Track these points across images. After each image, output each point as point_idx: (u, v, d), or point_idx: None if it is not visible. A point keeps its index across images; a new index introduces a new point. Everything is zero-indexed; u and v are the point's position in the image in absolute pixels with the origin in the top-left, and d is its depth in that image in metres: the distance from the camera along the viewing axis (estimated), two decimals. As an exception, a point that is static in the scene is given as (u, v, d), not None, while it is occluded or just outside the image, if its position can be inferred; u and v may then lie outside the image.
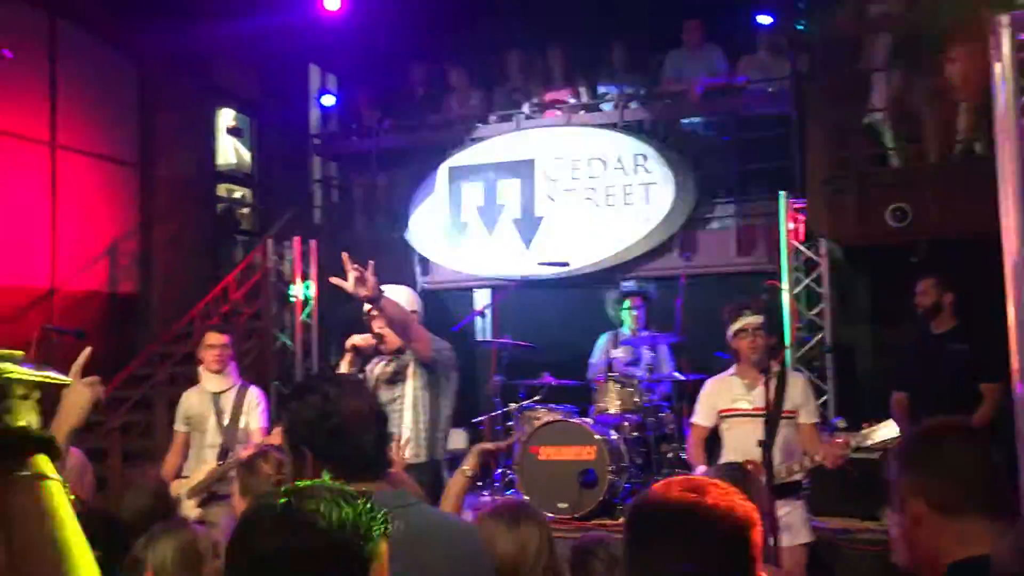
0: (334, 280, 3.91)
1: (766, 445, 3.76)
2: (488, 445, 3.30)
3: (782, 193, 7.17)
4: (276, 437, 4.69)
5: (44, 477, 1.11)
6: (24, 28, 7.99)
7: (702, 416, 4.62)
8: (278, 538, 1.28)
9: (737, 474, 2.85)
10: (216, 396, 5.28)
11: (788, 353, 6.86)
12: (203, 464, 5.15)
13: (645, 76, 8.97)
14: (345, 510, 1.32)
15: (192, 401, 5.33)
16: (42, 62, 8.20)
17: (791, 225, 7.15)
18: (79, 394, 2.26)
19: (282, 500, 1.33)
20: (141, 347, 8.54)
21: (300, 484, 1.39)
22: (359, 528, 1.32)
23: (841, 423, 5.43)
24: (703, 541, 1.47)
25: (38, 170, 8.14)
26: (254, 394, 5.36)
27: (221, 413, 5.23)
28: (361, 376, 4.29)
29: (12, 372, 1.14)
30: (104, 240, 8.68)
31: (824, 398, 6.92)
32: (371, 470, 2.04)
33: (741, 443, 4.20)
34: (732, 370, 4.59)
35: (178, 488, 5.01)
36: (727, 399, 4.50)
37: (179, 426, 5.34)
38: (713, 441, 4.64)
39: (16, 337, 7.46)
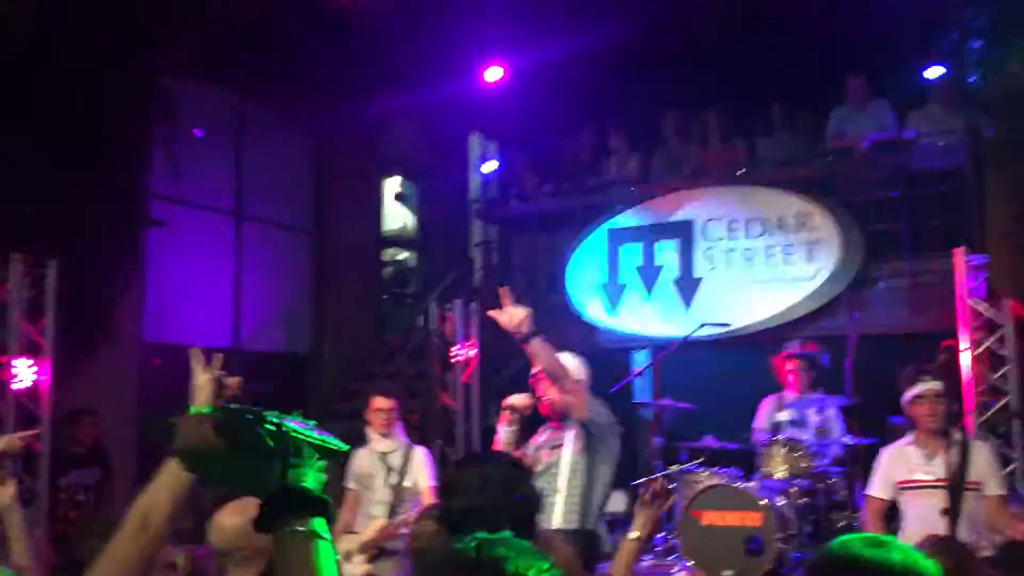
0: (491, 313, 4.01)
1: (952, 516, 3.55)
2: (647, 502, 3.07)
3: (959, 250, 6.83)
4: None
5: (318, 536, 1.21)
6: (214, 108, 8.70)
7: (879, 488, 4.37)
8: None
9: (946, 546, 2.61)
10: (384, 455, 5.44)
11: (971, 419, 6.47)
12: (372, 520, 5.30)
13: (806, 134, 8.81)
14: (529, 562, 1.38)
15: (362, 460, 5.47)
16: (229, 139, 8.88)
17: (969, 283, 6.79)
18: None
19: (472, 545, 1.40)
20: (314, 405, 8.94)
21: (485, 535, 1.45)
22: None
23: (1032, 494, 5.08)
24: None
25: (224, 238, 8.76)
26: (420, 453, 5.49)
27: (389, 471, 5.39)
28: (517, 445, 4.32)
29: (301, 434, 1.26)
30: (281, 302, 9.21)
31: (1012, 467, 6.45)
32: None
33: (923, 516, 3.95)
34: (909, 438, 4.33)
35: (348, 543, 5.17)
36: (905, 470, 4.25)
37: (350, 484, 5.51)
38: (892, 515, 4.38)
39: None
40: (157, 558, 2.19)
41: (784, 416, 6.81)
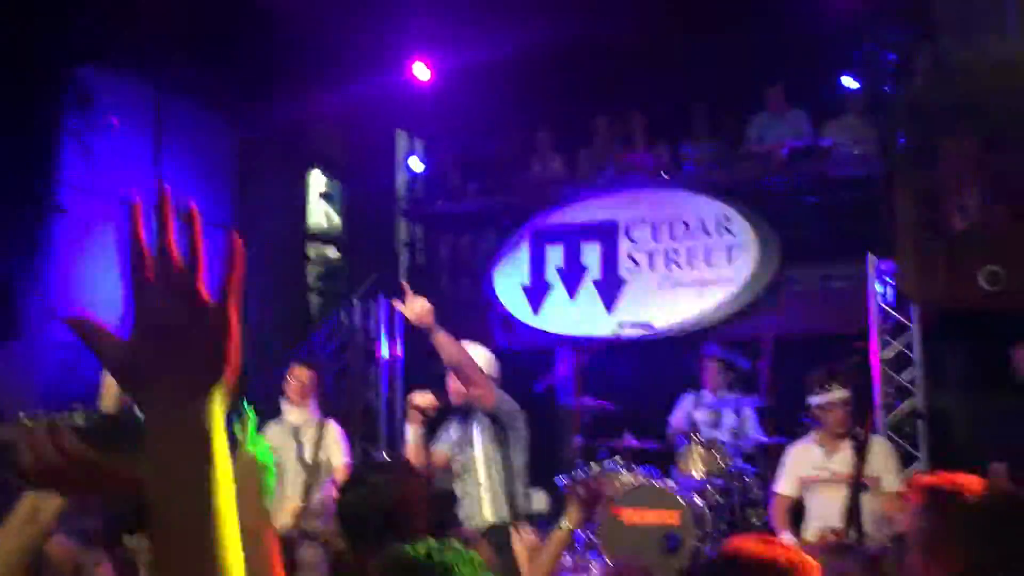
0: (395, 304, 4.03)
1: (851, 511, 3.65)
2: (581, 495, 3.03)
3: (869, 255, 7.06)
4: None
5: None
6: (131, 98, 8.46)
7: (785, 485, 4.54)
8: None
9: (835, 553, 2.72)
10: (296, 429, 5.34)
11: (878, 419, 6.68)
12: (286, 500, 5.19)
13: (727, 139, 9.00)
14: (473, 569, 1.47)
15: (272, 434, 5.36)
16: (147, 130, 8.65)
17: (879, 288, 7.02)
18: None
19: (423, 552, 1.44)
20: (232, 403, 8.76)
21: (431, 542, 1.52)
22: None
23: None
24: None
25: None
26: (334, 429, 5.42)
27: (301, 447, 5.28)
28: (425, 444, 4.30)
29: None
30: (199, 299, 9.01)
31: (916, 467, 6.69)
32: None
33: (824, 511, 4.09)
34: (812, 436, 4.51)
35: None
36: (809, 466, 4.40)
37: None
38: (798, 509, 4.51)
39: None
40: (44, 556, 2.13)
41: (701, 415, 6.95)
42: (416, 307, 4.11)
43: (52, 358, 7.24)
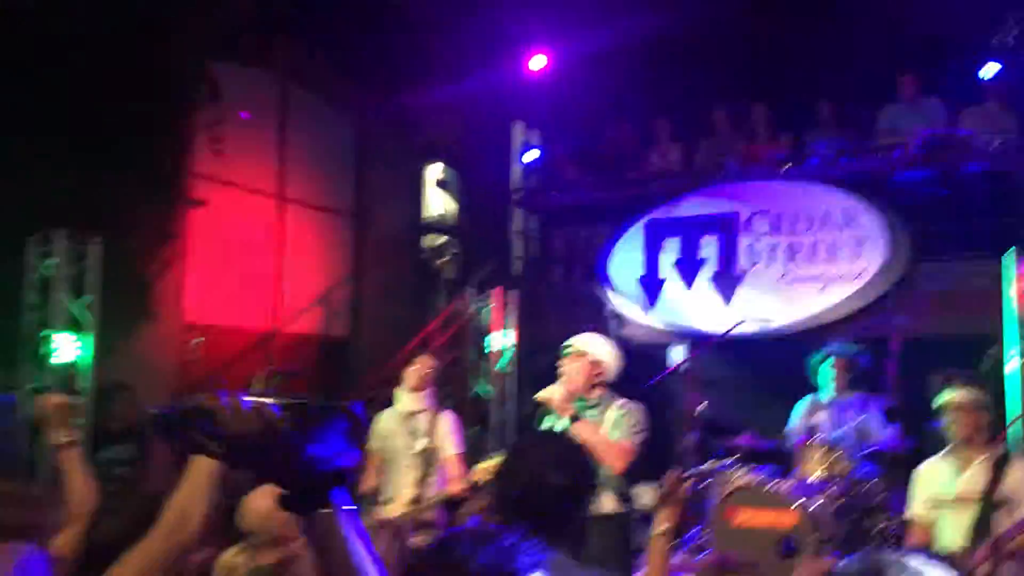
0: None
1: (978, 532, 3.40)
2: (667, 494, 2.92)
3: (1011, 251, 6.66)
4: (480, 474, 4.83)
5: (343, 509, 1.29)
6: (258, 91, 8.75)
7: (918, 506, 4.10)
8: None
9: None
10: (407, 416, 5.36)
11: (1016, 431, 6.31)
12: (398, 489, 5.23)
13: (855, 131, 8.65)
14: (484, 549, 1.47)
15: (386, 421, 5.41)
16: (272, 122, 8.93)
17: (1019, 286, 6.61)
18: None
19: (435, 546, 1.52)
20: (349, 389, 8.98)
21: (454, 530, 1.59)
22: (502, 565, 1.46)
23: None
24: None
25: (266, 221, 8.82)
26: (447, 419, 5.42)
27: (413, 435, 5.30)
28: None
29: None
30: (320, 286, 9.26)
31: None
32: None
33: (949, 534, 3.78)
34: (944, 451, 4.13)
35: (380, 516, 5.14)
36: (936, 484, 4.05)
37: (372, 444, 5.38)
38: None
39: (239, 375, 8.07)
40: (189, 561, 2.20)
41: (821, 417, 6.70)
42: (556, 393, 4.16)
43: (177, 340, 7.57)
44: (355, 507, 1.29)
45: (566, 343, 4.52)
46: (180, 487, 2.30)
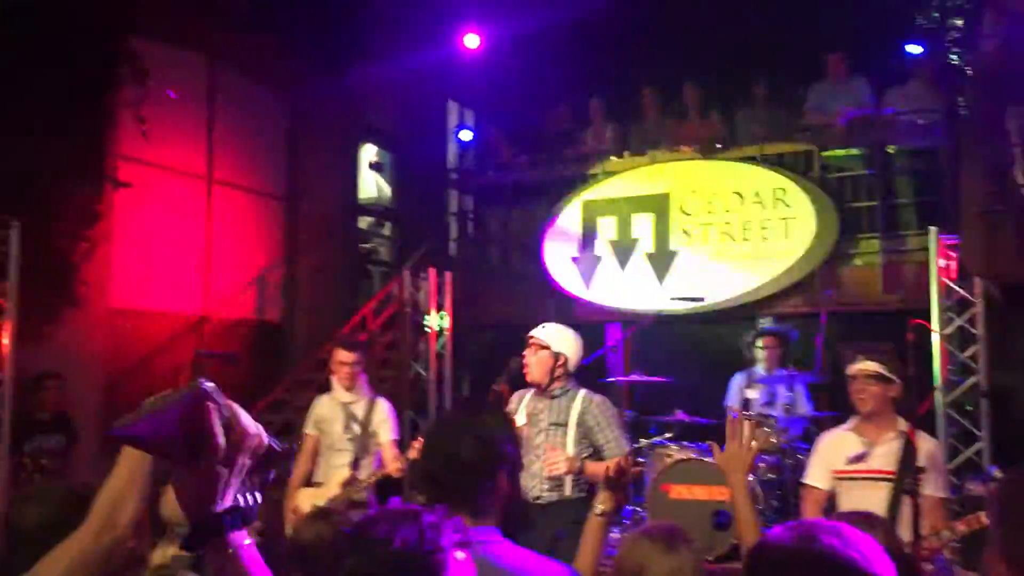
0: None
1: (891, 512, 3.42)
2: (612, 476, 2.98)
3: (932, 228, 6.85)
4: (414, 453, 4.86)
5: (243, 546, 1.23)
6: (186, 71, 8.53)
7: (816, 476, 4.01)
8: (347, 561, 1.39)
9: (864, 524, 2.52)
10: (346, 404, 5.40)
11: (938, 397, 6.51)
12: (335, 472, 5.25)
13: (785, 110, 8.78)
14: (407, 528, 1.42)
15: (323, 407, 5.45)
16: (201, 103, 8.72)
17: (942, 262, 6.81)
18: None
19: (355, 527, 1.46)
20: (284, 374, 8.87)
21: (372, 513, 1.53)
22: (424, 544, 1.41)
23: (997, 473, 5.10)
24: None
25: (195, 203, 8.63)
26: (384, 406, 5.45)
27: (351, 421, 5.34)
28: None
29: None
30: (252, 270, 9.10)
31: (978, 446, 6.52)
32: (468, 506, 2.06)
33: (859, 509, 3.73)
34: (850, 423, 4.01)
35: (312, 498, 5.12)
36: (843, 459, 3.93)
37: (309, 429, 5.44)
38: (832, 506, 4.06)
39: (169, 361, 7.90)
40: (118, 556, 2.11)
41: (754, 392, 6.83)
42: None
43: (104, 326, 7.37)
44: (251, 542, 1.24)
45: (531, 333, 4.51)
46: (111, 479, 2.23)
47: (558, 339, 4.49)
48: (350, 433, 5.33)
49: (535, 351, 4.45)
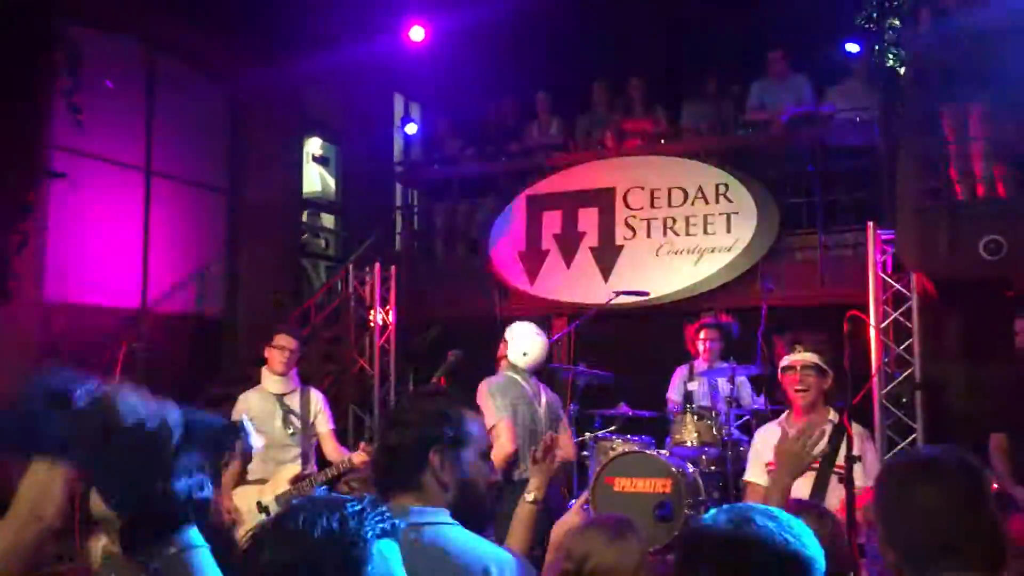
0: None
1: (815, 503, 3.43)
2: (539, 460, 3.02)
3: (870, 224, 6.98)
4: (360, 456, 4.82)
5: (194, 547, 1.14)
6: (124, 60, 8.33)
7: (753, 472, 4.02)
8: (266, 554, 1.33)
9: (815, 515, 2.57)
10: (279, 397, 5.27)
11: (875, 389, 6.63)
12: (282, 468, 5.12)
13: (728, 106, 8.88)
14: (325, 517, 1.37)
15: (253, 402, 5.27)
16: (138, 92, 8.53)
17: (879, 257, 6.94)
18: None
19: (277, 517, 1.40)
20: (226, 368, 8.73)
21: (293, 502, 1.46)
22: (346, 533, 1.36)
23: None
24: (741, 572, 1.40)
25: (133, 195, 8.44)
26: (318, 396, 5.40)
27: (288, 414, 5.22)
28: None
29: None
30: (192, 263, 8.93)
31: (913, 437, 6.66)
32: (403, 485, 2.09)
33: None
34: (782, 417, 4.03)
35: (257, 496, 5.02)
36: (771, 452, 3.70)
37: None
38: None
39: (105, 356, 7.71)
40: (43, 550, 2.05)
41: (695, 385, 6.89)
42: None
43: (37, 321, 7.18)
44: (207, 545, 1.17)
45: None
46: (32, 470, 2.15)
47: (519, 336, 5.03)
48: (291, 427, 5.21)
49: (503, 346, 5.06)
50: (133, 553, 1.11)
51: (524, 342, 5.03)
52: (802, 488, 3.63)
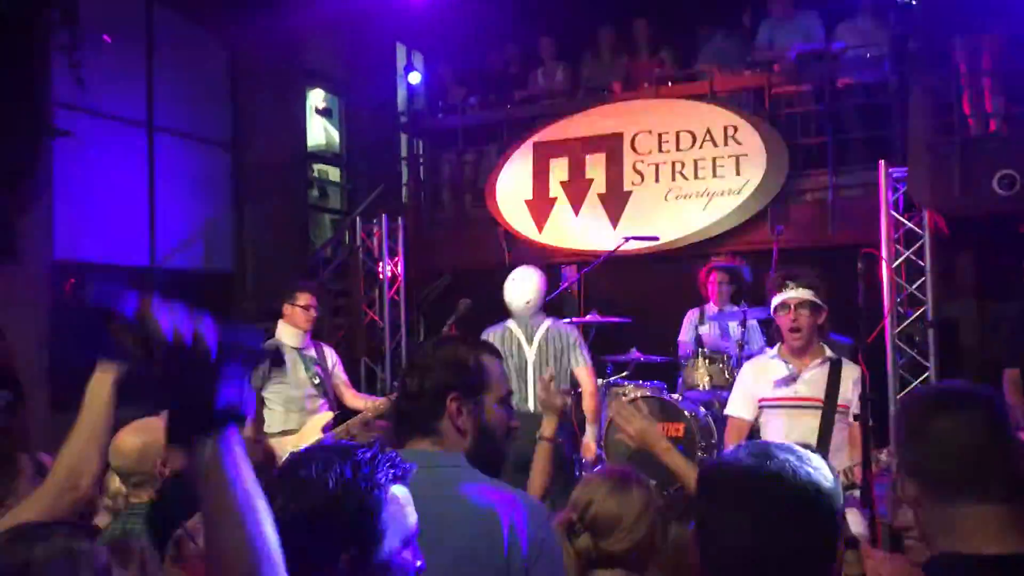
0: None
1: (822, 439, 3.39)
2: (544, 399, 3.12)
3: (881, 162, 6.89)
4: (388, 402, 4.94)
5: (230, 450, 1.16)
6: (122, 13, 8.22)
7: (740, 406, 3.92)
8: (278, 503, 1.32)
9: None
10: (299, 351, 5.36)
11: (888, 328, 6.61)
12: (312, 417, 5.21)
13: (736, 46, 8.73)
14: (338, 466, 1.39)
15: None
16: (138, 46, 8.43)
17: (891, 196, 6.87)
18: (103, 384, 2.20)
19: (287, 465, 1.42)
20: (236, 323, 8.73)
21: (301, 450, 1.48)
22: (358, 480, 1.39)
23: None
24: (765, 507, 1.38)
25: (136, 151, 8.38)
26: (331, 351, 5.55)
27: (310, 365, 5.32)
28: None
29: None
30: (199, 219, 8.91)
31: (926, 375, 6.65)
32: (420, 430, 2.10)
33: (786, 438, 3.43)
34: (775, 351, 3.90)
35: (295, 445, 5.06)
36: (768, 386, 3.82)
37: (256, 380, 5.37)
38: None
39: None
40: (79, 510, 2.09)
41: (706, 329, 6.88)
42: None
43: (47, 280, 7.19)
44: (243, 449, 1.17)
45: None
46: (71, 438, 2.16)
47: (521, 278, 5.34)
48: (317, 377, 5.31)
49: None
50: (176, 445, 1.15)
51: (505, 291, 5.35)
52: (803, 428, 3.63)
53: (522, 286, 5.32)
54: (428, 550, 1.49)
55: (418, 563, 1.45)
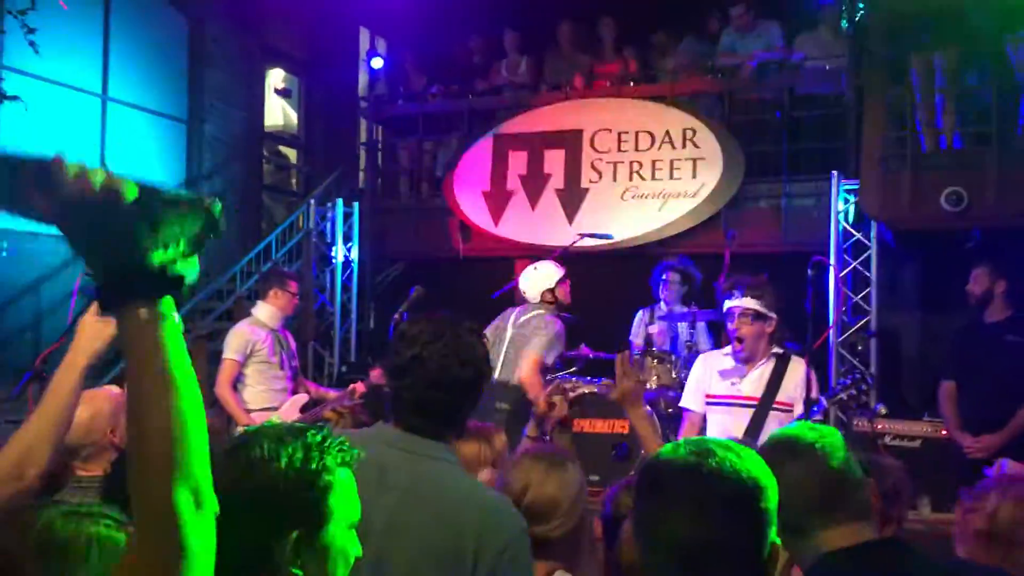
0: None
1: (751, 434, 3.47)
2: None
3: (834, 173, 7.01)
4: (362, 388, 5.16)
5: (164, 318, 1.07)
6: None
7: (692, 400, 4.06)
8: (226, 483, 1.28)
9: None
10: (273, 332, 5.50)
11: (831, 336, 6.73)
12: (292, 397, 5.38)
13: (698, 50, 8.79)
14: (290, 446, 1.38)
15: (256, 335, 5.43)
16: (96, 14, 8.26)
17: (842, 206, 6.99)
18: (96, 328, 2.19)
19: (233, 447, 1.40)
20: (185, 302, 8.61)
21: (251, 429, 1.46)
22: (309, 461, 1.38)
23: (883, 409, 5.31)
24: (704, 502, 1.42)
25: (89, 121, 8.21)
26: (291, 337, 5.77)
27: (281, 348, 5.50)
28: None
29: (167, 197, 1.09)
30: (150, 194, 8.75)
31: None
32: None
33: (723, 435, 3.51)
34: (729, 348, 4.01)
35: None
36: (715, 382, 3.96)
37: (234, 355, 5.37)
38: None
39: (59, 287, 7.58)
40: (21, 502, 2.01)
41: (655, 328, 6.94)
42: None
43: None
44: (180, 323, 1.09)
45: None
46: (24, 428, 2.11)
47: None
48: (287, 362, 5.52)
49: None
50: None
51: (521, 278, 5.83)
52: (738, 422, 3.71)
53: (535, 276, 5.70)
54: (397, 540, 1.49)
55: (358, 549, 1.46)
